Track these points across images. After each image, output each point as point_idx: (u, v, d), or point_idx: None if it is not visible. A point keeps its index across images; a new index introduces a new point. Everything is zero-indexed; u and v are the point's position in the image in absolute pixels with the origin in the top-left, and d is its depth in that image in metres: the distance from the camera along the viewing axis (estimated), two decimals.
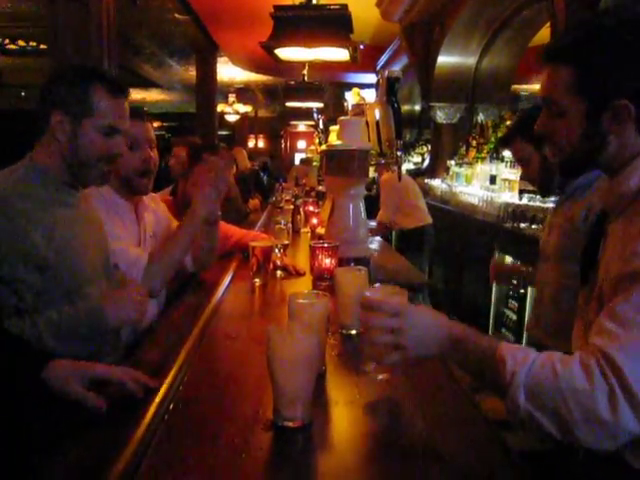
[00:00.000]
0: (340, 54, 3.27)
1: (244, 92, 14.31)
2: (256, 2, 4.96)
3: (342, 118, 2.49)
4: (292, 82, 6.63)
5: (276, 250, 2.30)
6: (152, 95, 14.66)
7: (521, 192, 4.66)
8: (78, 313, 1.39)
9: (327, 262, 2.13)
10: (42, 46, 8.63)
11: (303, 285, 2.20)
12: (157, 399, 1.13)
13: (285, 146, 20.08)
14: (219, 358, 1.50)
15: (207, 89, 9.02)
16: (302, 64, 5.46)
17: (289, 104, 6.43)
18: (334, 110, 9.27)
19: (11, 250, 1.34)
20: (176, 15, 7.30)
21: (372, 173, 5.11)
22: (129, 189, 1.93)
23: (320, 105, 6.34)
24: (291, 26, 2.87)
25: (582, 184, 1.96)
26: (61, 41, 3.59)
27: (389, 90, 2.16)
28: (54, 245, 1.40)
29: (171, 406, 1.14)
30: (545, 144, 1.97)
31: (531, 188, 4.50)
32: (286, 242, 2.43)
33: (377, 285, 1.33)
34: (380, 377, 1.19)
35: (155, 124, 15.40)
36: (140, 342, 1.66)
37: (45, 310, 1.36)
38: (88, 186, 1.57)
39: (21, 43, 9.00)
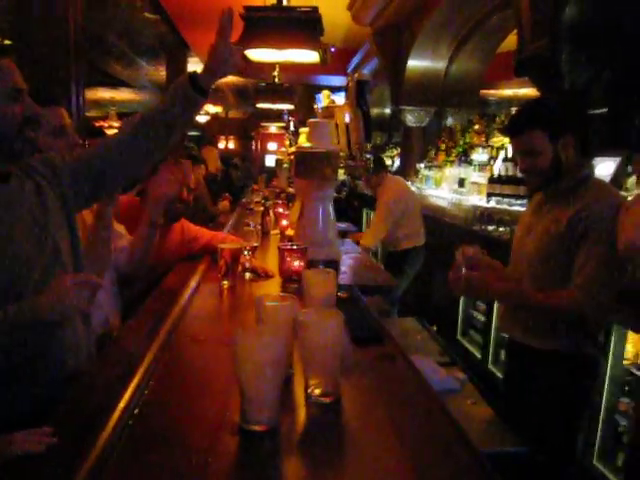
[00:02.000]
0: (310, 56, 3.26)
1: (214, 92, 14.10)
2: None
3: (311, 120, 2.49)
4: (263, 84, 6.59)
5: (245, 252, 2.29)
6: (121, 94, 14.42)
7: (489, 195, 4.73)
8: (23, 309, 1.24)
9: (296, 264, 2.13)
10: (6, 42, 8.44)
11: (272, 287, 2.19)
12: (122, 404, 1.11)
13: (256, 147, 19.99)
14: (186, 361, 1.49)
15: None
16: (273, 65, 5.45)
17: (260, 105, 6.38)
18: (305, 112, 9.26)
19: None
20: (146, 14, 7.21)
21: (342, 176, 5.08)
22: None
23: (291, 107, 6.32)
24: (261, 27, 2.85)
25: (566, 188, 1.91)
26: (27, 38, 3.53)
27: (358, 93, 2.18)
28: None
29: (136, 410, 1.13)
30: (560, 137, 1.85)
31: (498, 191, 4.60)
32: (255, 244, 2.42)
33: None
34: (324, 401, 1.19)
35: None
36: (104, 345, 1.63)
37: None
38: (21, 157, 1.41)
39: None
